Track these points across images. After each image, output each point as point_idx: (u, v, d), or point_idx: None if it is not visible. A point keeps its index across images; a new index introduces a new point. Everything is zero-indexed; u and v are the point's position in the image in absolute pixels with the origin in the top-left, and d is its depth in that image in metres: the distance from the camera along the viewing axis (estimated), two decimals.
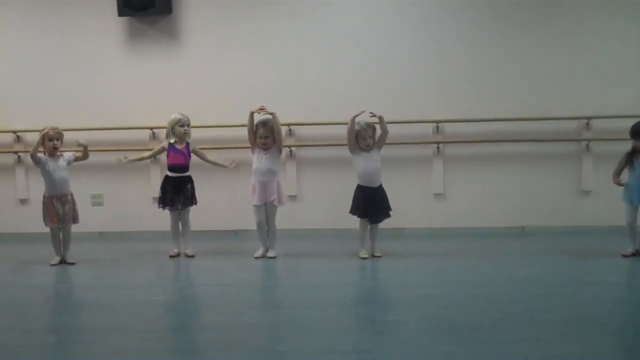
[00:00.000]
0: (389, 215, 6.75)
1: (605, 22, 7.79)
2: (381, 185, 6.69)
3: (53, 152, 6.60)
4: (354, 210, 6.71)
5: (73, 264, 6.71)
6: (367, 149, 6.61)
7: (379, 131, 6.62)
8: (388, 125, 6.78)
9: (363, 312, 5.02)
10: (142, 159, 7.14)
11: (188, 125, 6.93)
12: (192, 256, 6.93)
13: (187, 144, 6.93)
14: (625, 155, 6.45)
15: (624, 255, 6.45)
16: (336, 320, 4.71)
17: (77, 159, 6.76)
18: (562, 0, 7.78)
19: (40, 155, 6.59)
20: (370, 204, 6.63)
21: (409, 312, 4.82)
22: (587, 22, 7.81)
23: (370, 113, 6.49)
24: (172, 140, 6.91)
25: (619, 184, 6.45)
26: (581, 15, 7.80)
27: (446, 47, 7.93)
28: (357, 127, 6.59)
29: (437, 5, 7.89)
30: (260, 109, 6.59)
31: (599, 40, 7.81)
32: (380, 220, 6.76)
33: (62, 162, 6.64)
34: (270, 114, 6.62)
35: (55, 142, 6.58)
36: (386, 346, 4.11)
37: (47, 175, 6.62)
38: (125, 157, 6.94)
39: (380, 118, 6.55)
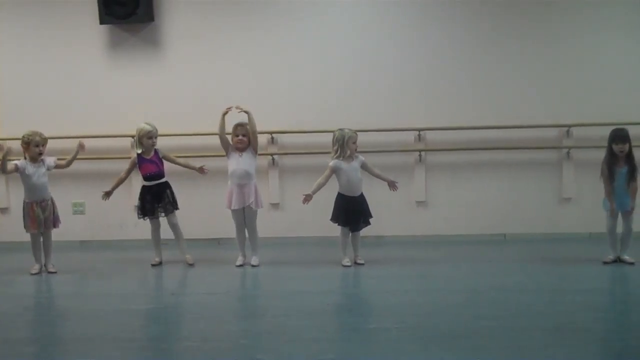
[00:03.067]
0: (369, 223, 6.77)
1: (587, 32, 7.85)
2: (362, 193, 6.71)
3: (37, 158, 6.58)
4: (335, 218, 6.72)
5: (54, 272, 6.67)
6: (349, 157, 6.61)
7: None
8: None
9: (346, 320, 5.02)
10: (119, 183, 7.01)
11: (156, 137, 6.89)
12: (192, 264, 6.91)
13: (156, 150, 6.90)
14: (606, 167, 6.48)
15: (605, 262, 6.51)
16: (319, 328, 4.71)
17: (57, 166, 6.72)
18: (545, 10, 7.84)
19: (14, 163, 6.59)
20: (351, 212, 6.65)
21: (391, 319, 4.83)
22: (569, 32, 7.86)
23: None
24: (139, 151, 6.88)
25: (613, 210, 6.46)
26: (563, 25, 7.85)
27: (429, 56, 7.95)
28: (347, 132, 6.61)
29: (421, 14, 7.92)
30: (229, 109, 6.66)
31: (580, 48, 7.86)
32: (360, 228, 6.78)
33: (42, 167, 6.62)
34: (246, 112, 6.66)
35: (41, 148, 6.58)
36: (369, 354, 4.11)
37: (26, 179, 6.60)
38: (105, 192, 6.91)
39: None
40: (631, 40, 7.84)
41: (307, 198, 6.53)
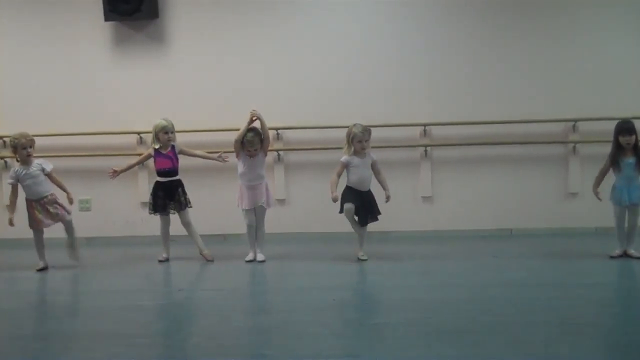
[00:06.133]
0: (376, 219, 6.75)
1: (592, 26, 7.85)
2: (370, 190, 6.71)
3: (27, 160, 6.58)
4: (342, 209, 6.68)
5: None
6: (362, 153, 6.60)
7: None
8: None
9: (352, 316, 5.01)
10: (130, 167, 7.09)
11: (172, 132, 6.90)
12: (212, 260, 6.94)
13: (173, 146, 6.91)
14: (609, 158, 6.49)
15: (612, 257, 6.49)
16: (325, 323, 4.71)
17: (49, 177, 6.70)
18: (550, 4, 7.83)
19: (12, 182, 6.64)
20: (360, 204, 6.64)
21: (397, 315, 4.83)
22: (574, 26, 7.86)
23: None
24: (156, 146, 6.89)
25: (597, 195, 6.54)
26: (568, 19, 7.85)
27: (434, 50, 7.95)
28: (354, 129, 6.59)
29: (425, 9, 7.92)
30: (253, 118, 6.63)
31: (585, 43, 7.86)
32: (367, 223, 6.76)
33: (34, 168, 6.61)
34: (260, 120, 6.67)
35: (29, 149, 6.56)
36: (375, 349, 4.11)
37: (21, 182, 6.64)
38: (113, 170, 6.90)
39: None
40: (637, 35, 7.82)
41: (334, 199, 6.56)
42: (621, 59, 7.85)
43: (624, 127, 6.41)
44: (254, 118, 6.64)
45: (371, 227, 6.85)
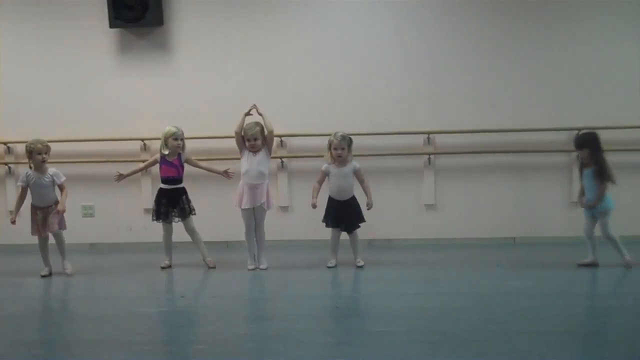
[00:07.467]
0: (358, 226, 6.81)
1: (595, 35, 7.83)
2: (353, 197, 6.76)
3: (41, 166, 6.59)
4: (324, 219, 6.78)
5: (70, 275, 6.70)
6: (340, 162, 6.64)
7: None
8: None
9: (354, 323, 5.01)
10: (135, 172, 7.11)
11: (182, 139, 6.91)
12: (214, 267, 6.94)
13: (179, 155, 6.92)
14: (578, 168, 6.73)
15: (579, 265, 6.58)
16: (327, 331, 4.71)
17: (60, 187, 6.69)
18: (553, 13, 7.82)
19: (22, 184, 6.64)
20: (341, 215, 6.72)
21: (400, 323, 4.82)
22: (578, 35, 7.84)
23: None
24: (165, 152, 6.89)
25: (590, 206, 6.58)
26: (572, 28, 7.84)
27: (438, 58, 7.95)
28: (332, 137, 6.67)
29: (429, 16, 7.92)
30: (252, 108, 6.68)
31: (589, 52, 7.84)
32: (354, 229, 6.80)
33: (46, 179, 6.61)
34: (260, 114, 6.70)
35: (44, 155, 6.56)
36: (377, 357, 4.10)
37: (31, 188, 6.63)
38: (119, 174, 6.92)
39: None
40: None
41: (313, 206, 6.67)
42: (625, 68, 7.83)
43: (579, 140, 6.63)
44: (251, 112, 6.69)
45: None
